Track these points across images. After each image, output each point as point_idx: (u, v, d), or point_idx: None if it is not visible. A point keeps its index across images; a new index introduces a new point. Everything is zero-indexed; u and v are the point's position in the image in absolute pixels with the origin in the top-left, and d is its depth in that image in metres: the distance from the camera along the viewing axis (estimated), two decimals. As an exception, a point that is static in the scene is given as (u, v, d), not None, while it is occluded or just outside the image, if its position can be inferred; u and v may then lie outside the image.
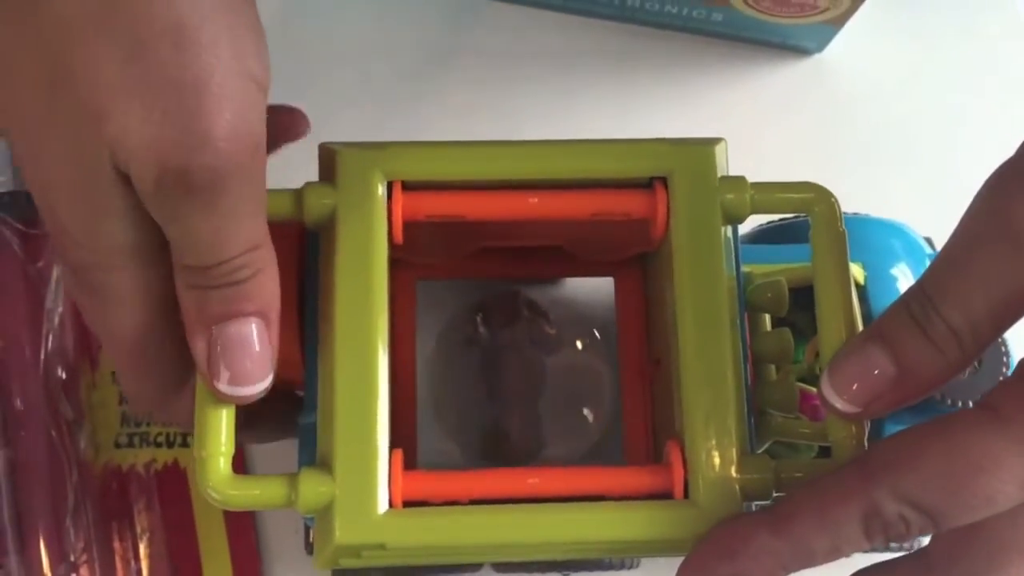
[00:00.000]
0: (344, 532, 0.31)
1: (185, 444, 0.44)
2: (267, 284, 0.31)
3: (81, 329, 0.44)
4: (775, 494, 0.32)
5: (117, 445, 0.44)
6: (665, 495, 0.32)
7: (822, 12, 0.45)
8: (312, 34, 0.49)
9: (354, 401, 0.32)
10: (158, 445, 0.44)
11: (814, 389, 0.38)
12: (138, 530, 0.43)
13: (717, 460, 0.32)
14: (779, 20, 0.46)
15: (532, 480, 0.33)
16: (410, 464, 0.33)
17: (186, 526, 0.43)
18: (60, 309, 0.44)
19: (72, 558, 0.42)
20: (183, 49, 0.27)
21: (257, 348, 0.30)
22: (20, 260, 0.44)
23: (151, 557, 0.43)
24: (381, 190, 0.33)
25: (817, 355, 0.38)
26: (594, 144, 0.34)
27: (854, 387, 0.31)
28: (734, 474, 0.32)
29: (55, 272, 0.44)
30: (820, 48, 0.49)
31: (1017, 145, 0.30)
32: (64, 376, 0.44)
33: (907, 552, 0.41)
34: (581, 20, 0.49)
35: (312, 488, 0.31)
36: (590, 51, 0.49)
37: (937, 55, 0.50)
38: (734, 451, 0.32)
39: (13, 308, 0.44)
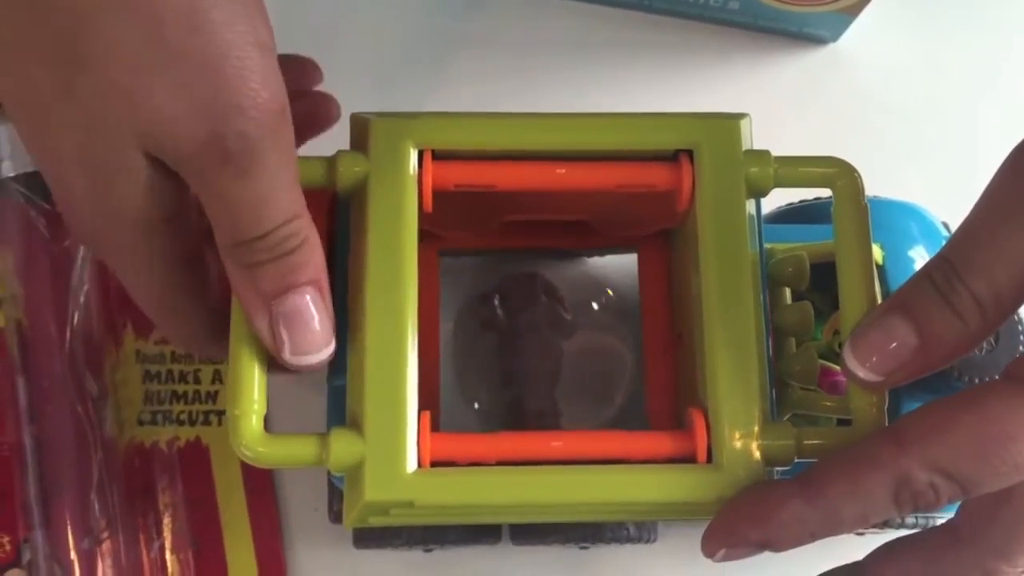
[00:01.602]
0: (374, 490, 0.32)
1: (207, 422, 0.45)
2: (315, 252, 0.31)
3: (106, 308, 0.45)
4: (796, 460, 0.33)
5: (140, 423, 0.44)
6: (688, 460, 0.33)
7: (837, 0, 0.46)
8: (328, 22, 0.49)
9: (385, 363, 0.32)
10: (180, 423, 0.45)
11: (833, 365, 0.38)
12: (160, 506, 0.44)
13: (740, 426, 0.33)
14: (795, 8, 0.47)
15: (556, 443, 0.33)
16: (433, 430, 0.33)
17: (208, 503, 0.44)
18: (86, 288, 0.44)
19: (95, 533, 0.43)
20: (199, 28, 0.28)
21: (316, 317, 0.31)
22: (46, 240, 0.44)
23: (173, 533, 0.43)
24: (413, 158, 0.34)
25: (835, 333, 0.39)
26: (622, 116, 0.35)
27: (876, 357, 0.31)
28: (756, 440, 0.33)
29: (81, 251, 0.45)
30: (835, 37, 0.49)
31: None
32: (89, 354, 0.44)
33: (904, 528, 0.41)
34: (597, 8, 0.50)
35: (343, 447, 0.32)
36: (606, 39, 0.50)
37: (951, 44, 0.50)
38: (757, 417, 0.33)
39: (39, 287, 0.44)
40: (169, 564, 0.43)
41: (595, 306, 0.44)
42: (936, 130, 0.49)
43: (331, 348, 0.32)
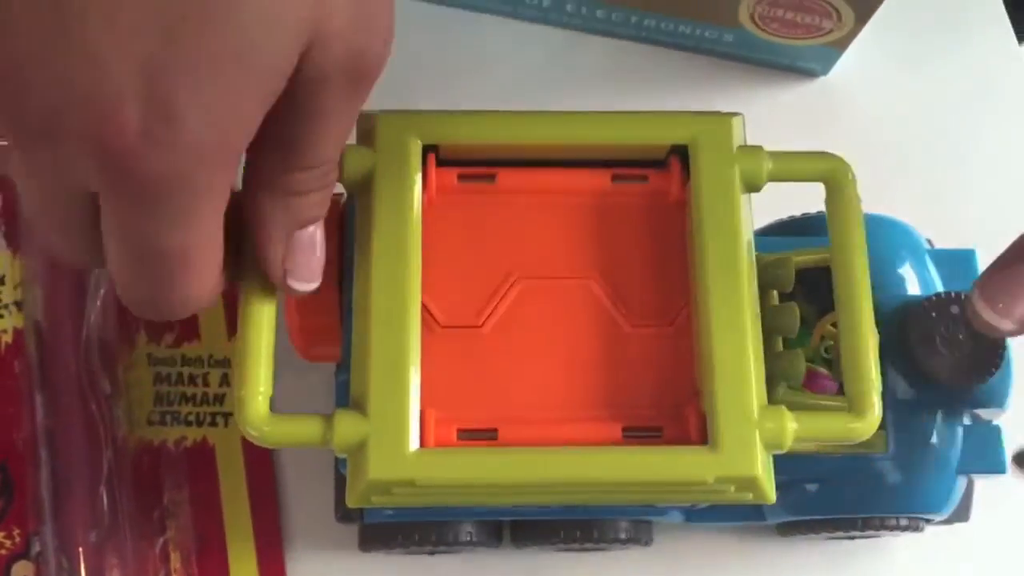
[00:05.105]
0: (377, 468, 0.32)
1: (214, 424, 0.46)
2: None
3: (121, 311, 0.45)
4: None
5: (149, 422, 0.45)
6: (686, 442, 0.34)
7: (826, 34, 0.48)
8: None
9: (388, 347, 0.33)
10: (188, 424, 0.45)
11: (821, 369, 0.39)
12: (166, 503, 0.44)
13: (737, 409, 0.33)
14: (786, 41, 0.49)
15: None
16: None
17: (212, 502, 0.45)
18: (102, 291, 0.46)
19: (103, 527, 0.43)
20: None
21: (320, 248, 0.32)
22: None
23: (178, 530, 0.44)
24: (417, 152, 0.35)
25: (822, 338, 0.40)
26: (620, 114, 0.36)
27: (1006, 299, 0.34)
28: (753, 423, 0.33)
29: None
30: (826, 70, 0.51)
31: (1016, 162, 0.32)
32: (103, 354, 0.45)
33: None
34: (594, 38, 0.51)
35: (347, 427, 0.33)
36: (603, 68, 0.51)
37: (936, 76, 0.52)
38: (753, 402, 0.34)
39: (59, 290, 0.45)
40: (172, 560, 0.44)
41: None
42: (924, 158, 0.50)
43: (320, 281, 0.33)
